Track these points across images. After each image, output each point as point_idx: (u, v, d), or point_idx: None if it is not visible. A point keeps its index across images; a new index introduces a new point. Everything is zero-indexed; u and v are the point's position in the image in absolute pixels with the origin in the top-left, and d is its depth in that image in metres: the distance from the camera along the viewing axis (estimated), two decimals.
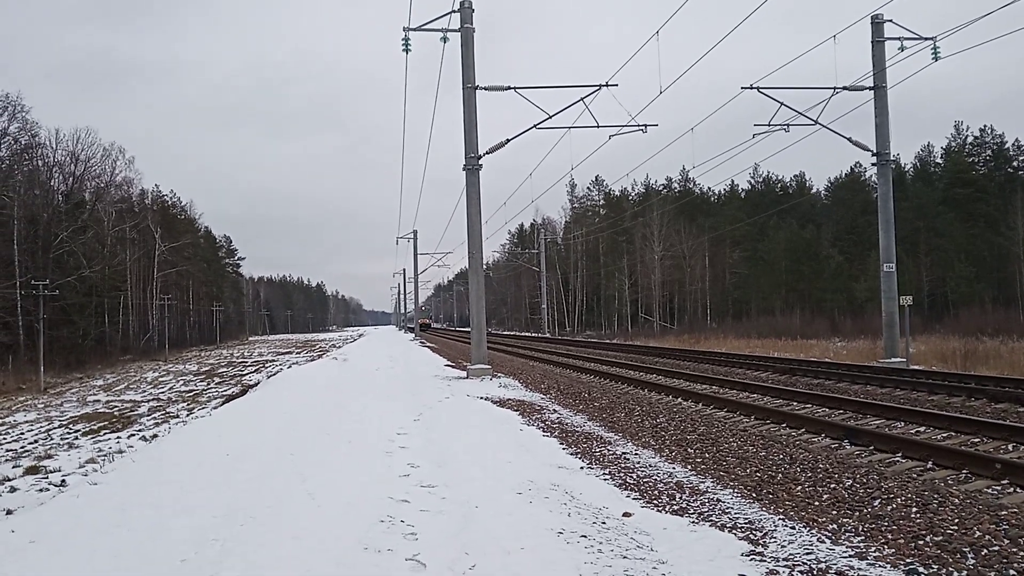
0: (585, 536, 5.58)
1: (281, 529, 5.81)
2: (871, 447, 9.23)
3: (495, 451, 9.17)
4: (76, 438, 19.91)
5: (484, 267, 24.00)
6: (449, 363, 27.69)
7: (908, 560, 5.09)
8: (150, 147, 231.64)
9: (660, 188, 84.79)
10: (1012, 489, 7.05)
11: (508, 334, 78.89)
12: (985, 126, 67.52)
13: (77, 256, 55.91)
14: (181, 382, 38.13)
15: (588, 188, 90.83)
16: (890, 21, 20.66)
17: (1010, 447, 9.11)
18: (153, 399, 30.20)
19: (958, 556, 5.12)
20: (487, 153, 20.77)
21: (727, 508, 6.61)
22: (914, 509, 6.23)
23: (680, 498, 7.04)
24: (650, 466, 8.57)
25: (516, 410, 13.30)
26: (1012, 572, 4.78)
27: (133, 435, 19.32)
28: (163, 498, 7.07)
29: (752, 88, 20.81)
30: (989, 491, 7.07)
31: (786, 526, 5.99)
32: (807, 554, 5.28)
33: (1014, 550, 5.14)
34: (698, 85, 36.82)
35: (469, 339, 22.96)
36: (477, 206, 20.63)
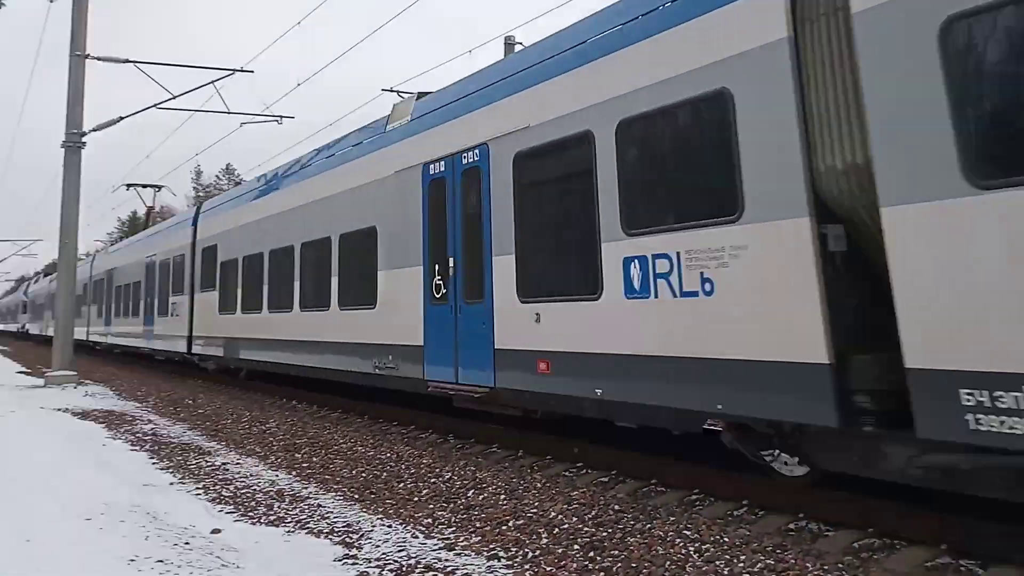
0: (162, 561, 4.95)
1: None
2: (472, 440, 9.74)
3: (69, 471, 7.94)
4: None
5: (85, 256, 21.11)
6: (25, 369, 23.89)
7: (491, 546, 5.35)
8: None
9: None
10: (584, 471, 7.86)
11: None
12: None
13: None
14: None
15: (218, 176, 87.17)
16: None
17: None
18: None
19: (534, 536, 5.51)
20: (94, 130, 18.35)
21: (327, 513, 6.42)
22: (503, 496, 6.63)
23: (279, 507, 6.67)
24: (252, 475, 8.06)
25: (102, 422, 11.80)
26: (576, 546, 5.25)
27: None
28: None
29: (391, 91, 21.28)
30: (566, 474, 7.79)
31: (384, 525, 5.97)
32: (400, 551, 5.29)
33: (580, 526, 5.67)
34: (338, 83, 36.63)
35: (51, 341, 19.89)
36: (76, 189, 18.04)
